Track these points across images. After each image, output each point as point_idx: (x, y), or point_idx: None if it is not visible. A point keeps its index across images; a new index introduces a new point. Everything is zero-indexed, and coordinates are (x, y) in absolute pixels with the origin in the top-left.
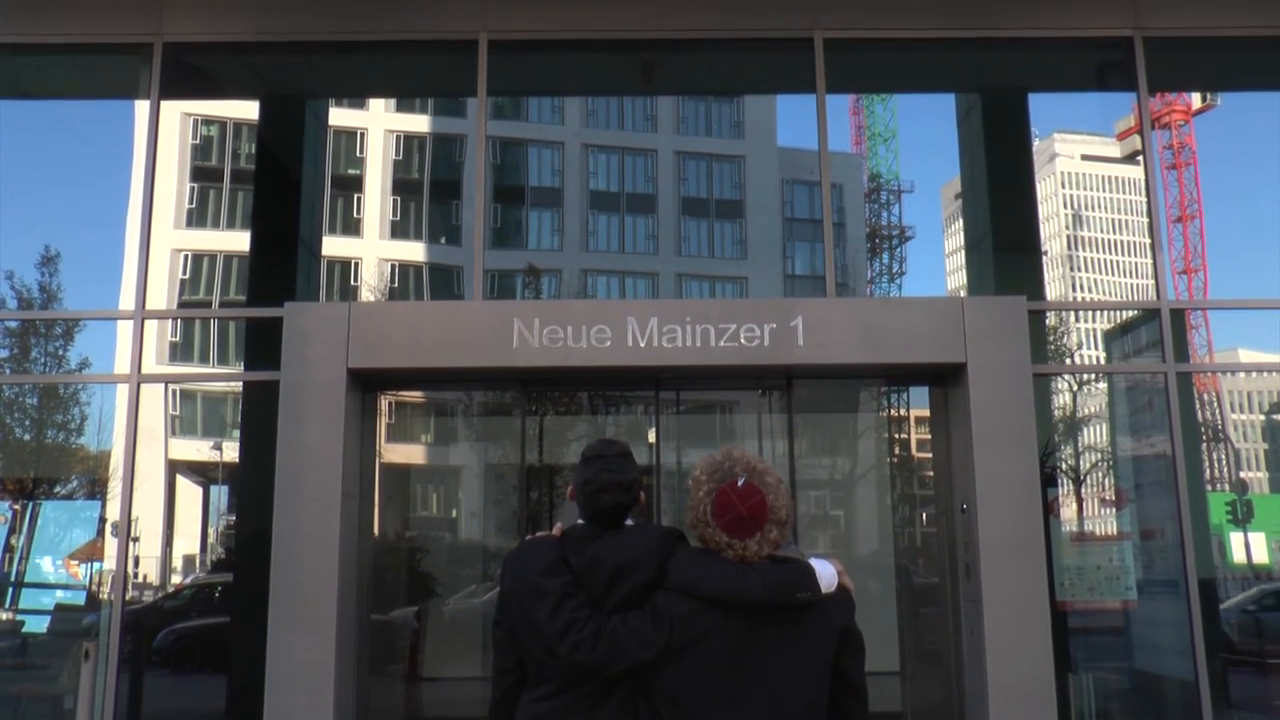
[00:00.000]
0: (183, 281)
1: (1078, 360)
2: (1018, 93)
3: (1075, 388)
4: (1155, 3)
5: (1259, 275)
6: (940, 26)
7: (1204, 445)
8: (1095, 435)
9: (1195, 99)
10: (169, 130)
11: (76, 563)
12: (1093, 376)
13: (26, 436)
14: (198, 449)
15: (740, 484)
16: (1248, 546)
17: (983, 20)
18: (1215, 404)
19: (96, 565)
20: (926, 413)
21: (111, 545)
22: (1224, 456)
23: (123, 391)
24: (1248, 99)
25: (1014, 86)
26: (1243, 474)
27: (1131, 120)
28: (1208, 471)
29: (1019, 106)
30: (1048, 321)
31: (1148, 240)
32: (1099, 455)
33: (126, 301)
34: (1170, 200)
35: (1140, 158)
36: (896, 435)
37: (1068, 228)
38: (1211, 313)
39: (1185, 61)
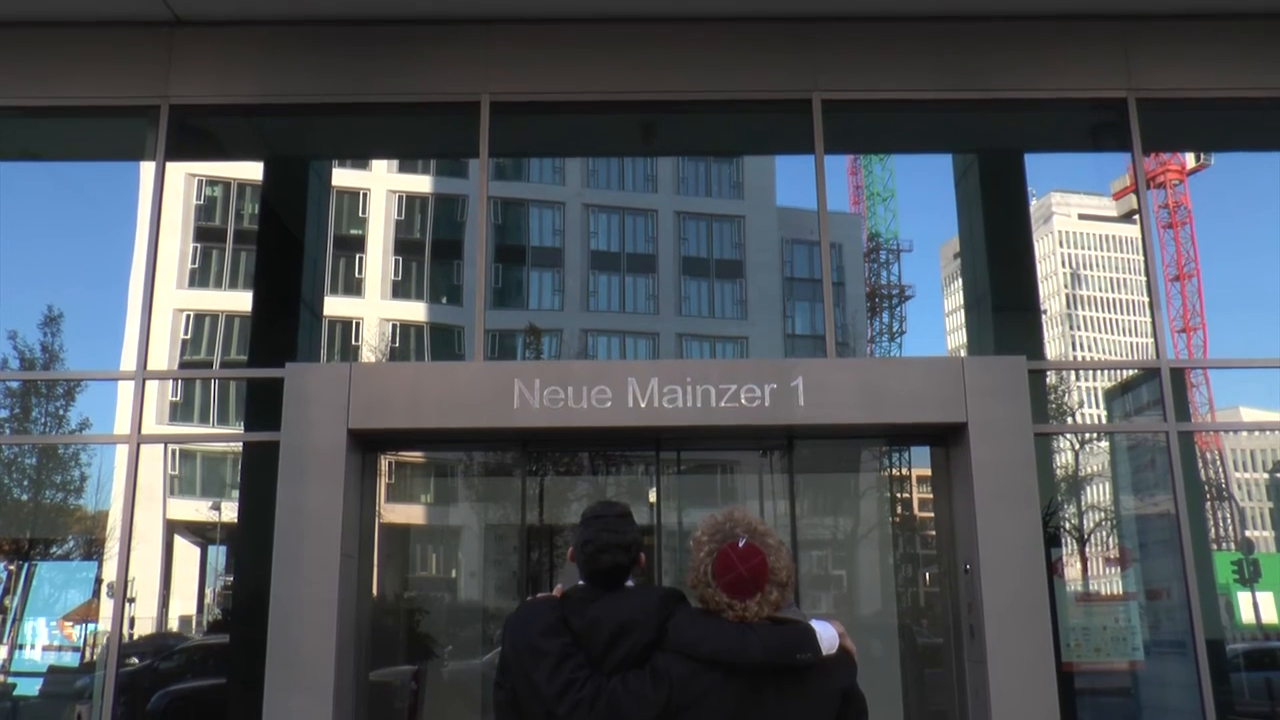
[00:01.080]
0: (184, 341)
1: (1079, 419)
2: (1014, 153)
3: (1077, 447)
4: (1148, 65)
5: (1258, 333)
6: (936, 88)
7: (1208, 504)
8: (1098, 494)
9: (1189, 159)
10: (173, 190)
11: (71, 624)
12: (1094, 435)
13: (24, 497)
14: (196, 509)
15: (741, 545)
16: (1256, 606)
17: (978, 82)
18: (1218, 462)
19: (91, 626)
20: (928, 472)
21: (107, 606)
22: (1229, 515)
23: (122, 452)
24: (1241, 158)
25: (1010, 147)
26: (1248, 533)
27: (1127, 180)
28: (1213, 530)
29: (1016, 167)
30: (1048, 380)
31: (1146, 299)
32: (1102, 514)
33: (128, 361)
34: (1167, 259)
35: (1136, 217)
36: (898, 495)
37: (1066, 286)
38: (1212, 371)
39: (1178, 122)
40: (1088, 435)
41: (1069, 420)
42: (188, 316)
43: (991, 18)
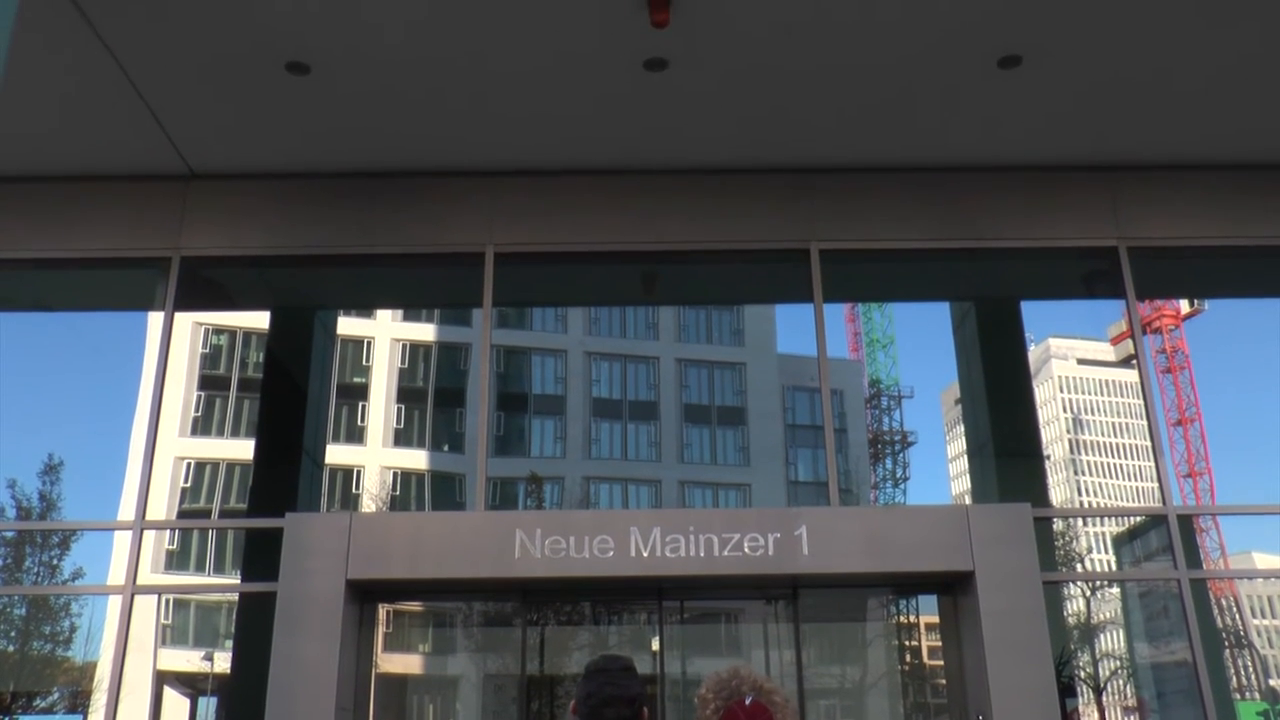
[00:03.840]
0: (184, 489)
1: (1088, 565)
2: (1010, 300)
3: (1088, 594)
4: (1136, 215)
5: (1266, 477)
6: (930, 238)
7: (1227, 652)
8: (1112, 642)
9: (1183, 304)
10: (179, 339)
11: None
12: (1105, 582)
13: (11, 648)
14: (188, 659)
15: (748, 702)
16: None
17: (971, 231)
18: (1235, 609)
19: None
20: (936, 619)
21: None
22: (1250, 663)
23: (115, 603)
24: (1234, 304)
25: (1006, 294)
26: (1272, 681)
27: (1124, 325)
28: (1234, 679)
29: (1012, 313)
30: (1055, 526)
31: (1149, 443)
32: (1117, 663)
33: (126, 509)
34: (1168, 403)
35: (1135, 362)
36: (906, 643)
37: (1069, 431)
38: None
39: (1170, 270)
40: (1098, 582)
41: (1078, 567)
42: (188, 464)
43: (982, 169)
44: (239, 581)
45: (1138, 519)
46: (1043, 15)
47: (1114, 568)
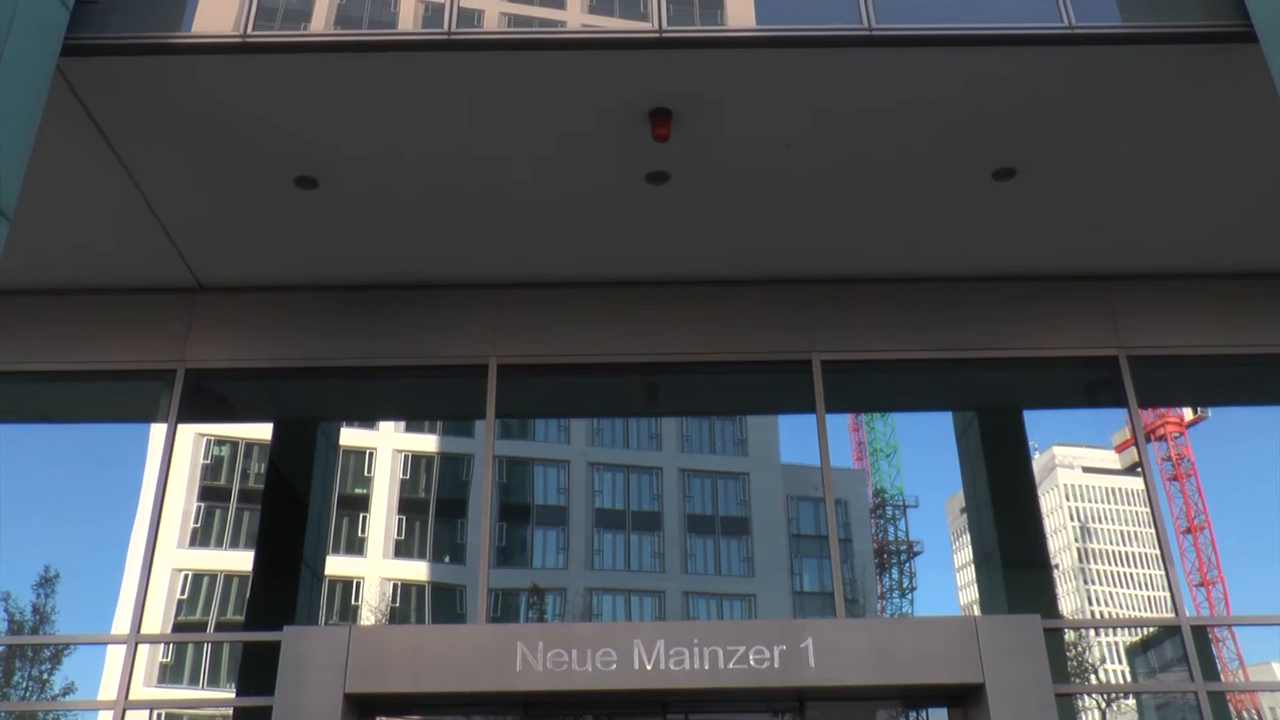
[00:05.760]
0: (180, 601)
1: (1102, 676)
2: (1013, 410)
3: (1103, 706)
4: (1135, 324)
5: None
6: (931, 348)
7: None
8: None
9: (1187, 411)
10: (181, 450)
11: None
12: (1119, 694)
13: None
14: None
15: None
16: None
17: (972, 342)
18: None
19: None
20: None
21: None
22: None
23: (106, 718)
24: (1238, 412)
25: (1008, 404)
26: None
27: (1127, 433)
28: None
29: (1015, 422)
30: (1066, 637)
31: (1159, 551)
32: None
33: (121, 622)
34: (1176, 511)
35: (1140, 469)
36: None
37: (1077, 540)
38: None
39: (1171, 378)
40: (1113, 694)
41: (1091, 678)
42: (186, 576)
43: (980, 279)
44: (234, 696)
45: (1150, 630)
46: (1035, 128)
47: (1128, 679)
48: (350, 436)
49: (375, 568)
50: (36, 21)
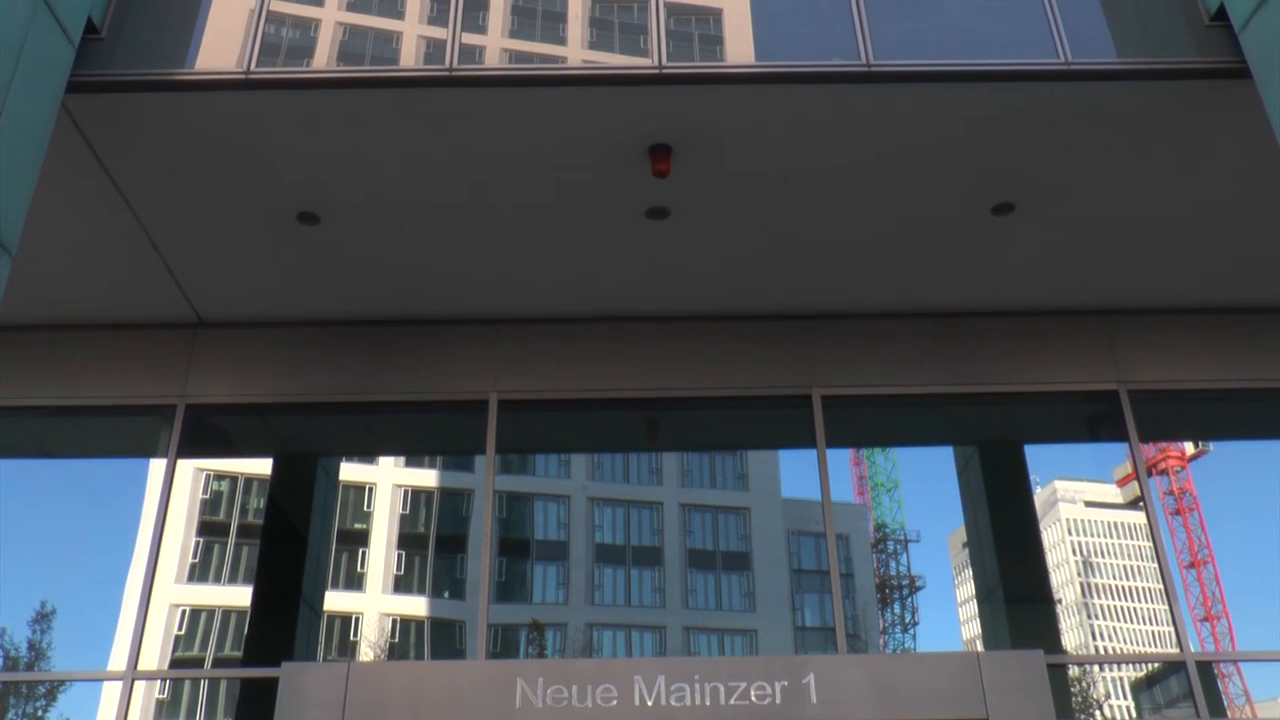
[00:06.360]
0: (177, 637)
1: (1106, 711)
2: (1014, 444)
3: None
4: (1135, 358)
5: None
6: (932, 383)
7: None
8: None
9: (1188, 445)
10: (180, 485)
11: None
12: None
13: None
14: None
15: None
16: None
17: (972, 376)
18: None
19: None
20: None
21: None
22: None
23: None
24: (1240, 446)
25: (1009, 438)
26: None
27: (1129, 467)
28: None
29: (1016, 457)
30: (1070, 672)
31: (1162, 586)
32: None
33: (118, 658)
34: (1179, 545)
35: (1143, 504)
36: None
37: (1080, 574)
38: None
39: (1171, 412)
40: None
41: (1096, 714)
42: (183, 612)
43: (980, 314)
44: None
45: (1156, 664)
46: (1033, 165)
47: (1133, 715)
48: (350, 471)
49: (374, 603)
50: (43, 58)
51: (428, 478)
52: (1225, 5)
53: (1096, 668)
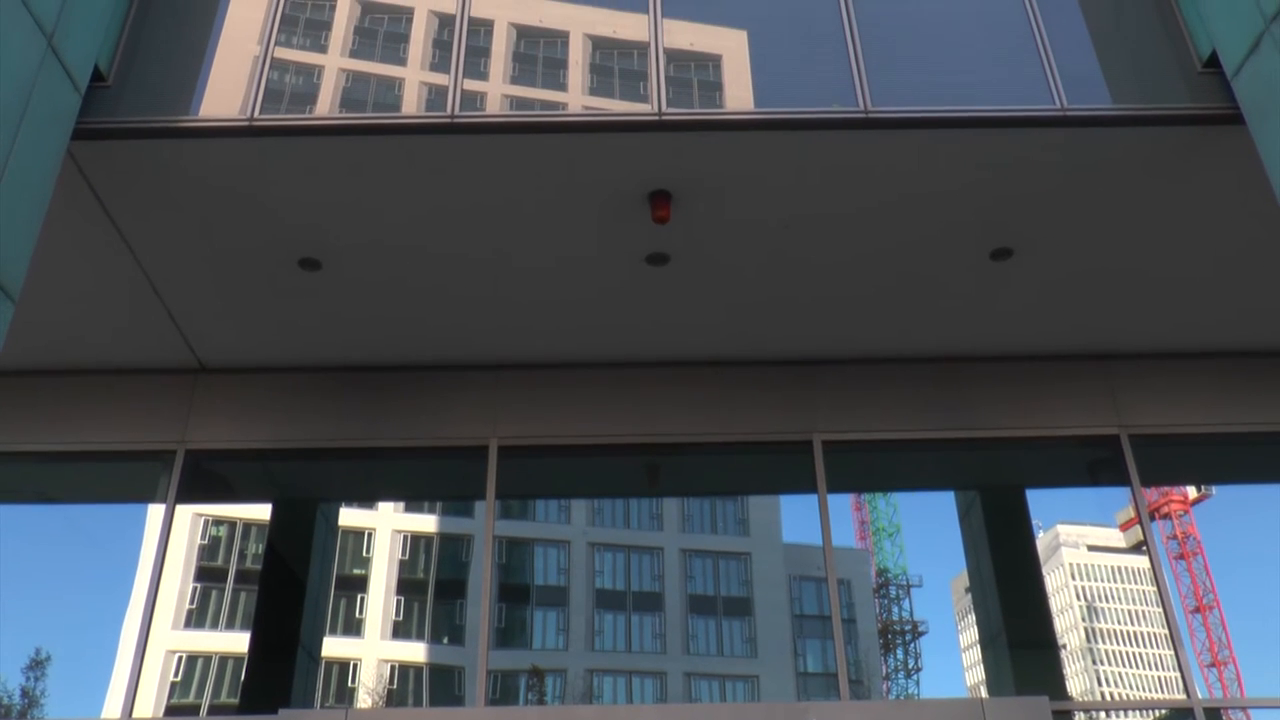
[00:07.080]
0: (174, 684)
1: None
2: (1015, 489)
3: None
4: (1136, 402)
5: None
6: (932, 428)
7: None
8: None
9: (1191, 489)
10: (178, 530)
11: None
12: None
13: None
14: None
15: None
16: None
17: (973, 421)
18: None
19: None
20: None
21: None
22: None
23: None
24: (1243, 490)
25: (1011, 483)
26: None
27: (1131, 511)
28: None
29: (1018, 502)
30: (1075, 719)
31: (1167, 631)
32: None
33: (113, 704)
34: (1184, 590)
35: (1145, 548)
36: None
37: (1084, 620)
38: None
39: (1173, 457)
40: None
41: None
42: (180, 658)
43: (979, 359)
44: None
45: (1162, 710)
46: (1032, 211)
47: None
48: (349, 517)
49: (373, 649)
50: (50, 106)
51: (427, 523)
52: (1217, 52)
53: (1102, 714)
